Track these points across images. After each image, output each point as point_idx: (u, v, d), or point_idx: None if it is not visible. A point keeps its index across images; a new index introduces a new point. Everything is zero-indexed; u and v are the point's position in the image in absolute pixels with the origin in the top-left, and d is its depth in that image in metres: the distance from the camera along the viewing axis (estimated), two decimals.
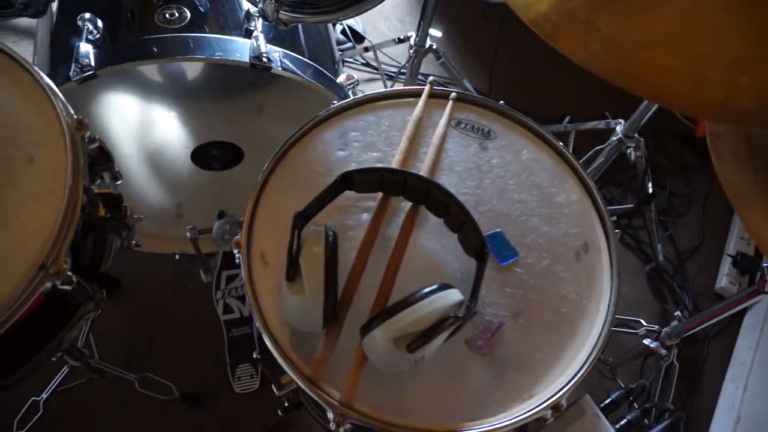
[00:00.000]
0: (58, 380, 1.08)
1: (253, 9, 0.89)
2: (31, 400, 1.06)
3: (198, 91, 1.04)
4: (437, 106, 0.80)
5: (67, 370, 1.07)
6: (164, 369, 1.15)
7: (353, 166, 0.74)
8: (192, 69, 0.97)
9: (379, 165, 0.74)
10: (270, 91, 1.01)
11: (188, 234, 0.90)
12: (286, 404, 0.73)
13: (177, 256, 1.22)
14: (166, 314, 1.26)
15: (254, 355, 0.74)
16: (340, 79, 1.03)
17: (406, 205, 0.70)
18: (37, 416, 1.05)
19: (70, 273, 0.53)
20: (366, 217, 0.70)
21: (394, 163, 0.74)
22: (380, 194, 0.71)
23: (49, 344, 0.62)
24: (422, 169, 0.74)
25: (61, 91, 0.61)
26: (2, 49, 0.59)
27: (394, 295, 0.62)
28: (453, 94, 0.80)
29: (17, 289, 0.52)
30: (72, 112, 0.59)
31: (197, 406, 1.17)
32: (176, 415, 1.14)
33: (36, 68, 0.60)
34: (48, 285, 0.53)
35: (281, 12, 0.76)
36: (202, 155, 1.09)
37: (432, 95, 0.80)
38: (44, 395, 1.06)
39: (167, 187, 1.18)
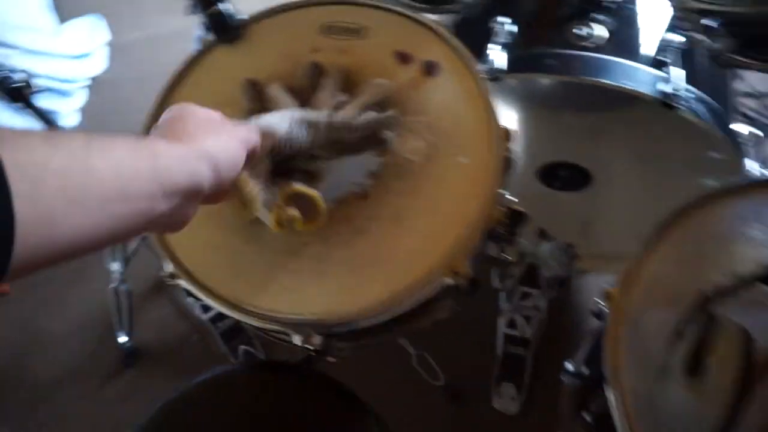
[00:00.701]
0: None
1: (676, 40, 0.80)
2: None
3: (562, 106, 1.01)
4: None
5: None
6: (439, 354, 1.19)
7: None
8: (572, 85, 0.94)
9: None
10: (640, 117, 0.93)
11: None
12: None
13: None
14: None
15: (524, 379, 0.68)
16: (739, 129, 0.89)
17: None
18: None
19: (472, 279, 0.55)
20: None
21: None
22: None
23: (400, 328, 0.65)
24: None
25: None
26: (464, 57, 0.62)
27: None
28: None
29: (420, 278, 0.55)
30: (501, 121, 0.60)
31: (453, 400, 1.20)
32: (432, 401, 1.18)
33: (481, 73, 0.62)
34: (447, 282, 0.56)
35: (725, 55, 0.66)
36: (548, 171, 1.07)
37: None
38: None
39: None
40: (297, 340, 0.57)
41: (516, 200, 0.63)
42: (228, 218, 0.60)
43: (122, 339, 1.27)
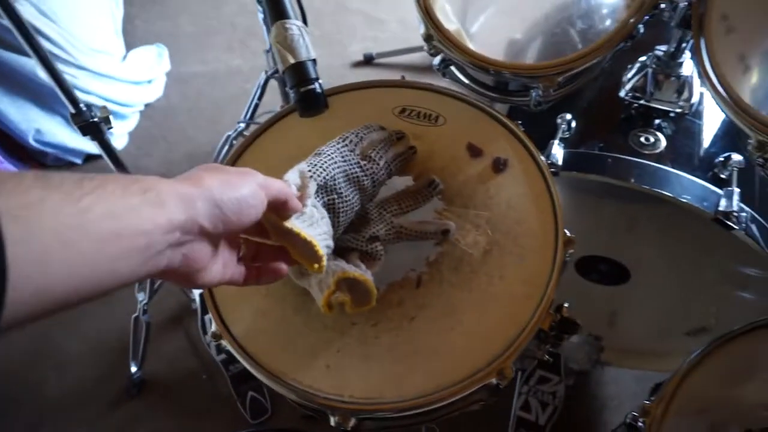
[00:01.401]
0: None
1: (736, 158, 0.81)
2: None
3: (606, 195, 1.02)
4: None
5: None
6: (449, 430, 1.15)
7: None
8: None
9: None
10: (685, 224, 0.93)
11: None
12: None
13: None
14: None
15: None
16: None
17: None
18: None
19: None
20: None
21: None
22: None
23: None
24: None
25: None
26: (535, 156, 0.63)
27: None
28: None
29: (467, 377, 0.54)
30: (564, 228, 0.60)
31: None
32: None
33: (550, 176, 0.62)
34: (492, 381, 0.55)
35: None
36: (587, 263, 1.06)
37: None
38: None
39: None
40: (332, 420, 0.56)
41: (567, 305, 0.63)
42: (281, 287, 0.60)
43: (133, 368, 1.25)
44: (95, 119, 0.81)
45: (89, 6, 1.59)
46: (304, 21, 0.80)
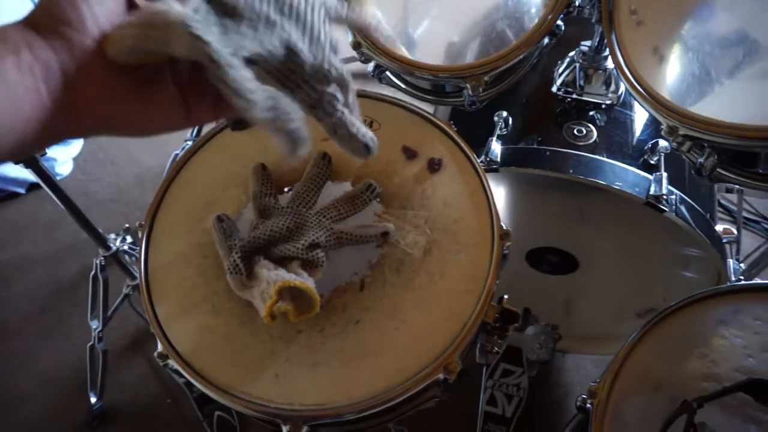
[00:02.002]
0: None
1: (664, 144, 0.85)
2: None
3: (551, 187, 1.05)
4: None
5: None
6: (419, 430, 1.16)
7: (749, 362, 0.64)
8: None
9: None
10: (625, 211, 0.97)
11: None
12: None
13: None
14: None
15: None
16: (717, 228, 0.93)
17: None
18: None
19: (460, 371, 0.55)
20: None
21: None
22: None
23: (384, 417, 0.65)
24: None
25: None
26: (468, 155, 0.65)
27: None
28: None
29: (414, 374, 0.55)
30: (501, 221, 0.62)
31: None
32: None
33: (484, 174, 0.64)
34: (439, 377, 0.56)
35: (718, 170, 0.70)
36: (536, 255, 1.09)
37: None
38: None
39: None
40: (284, 429, 0.56)
41: (507, 296, 0.65)
42: (225, 302, 0.60)
43: (93, 399, 1.22)
44: None
45: None
46: None
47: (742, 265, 1.02)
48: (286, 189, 0.66)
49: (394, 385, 0.55)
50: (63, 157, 1.61)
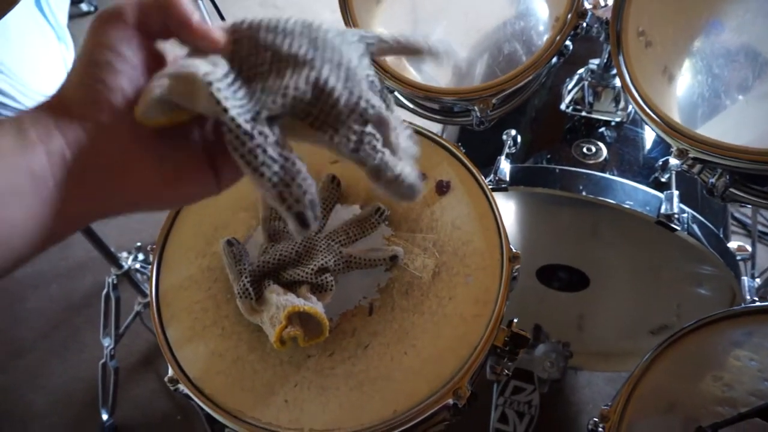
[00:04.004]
0: None
1: (674, 163, 0.84)
2: None
3: (562, 203, 1.04)
4: None
5: None
6: None
7: (764, 385, 0.63)
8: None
9: None
10: (637, 229, 0.96)
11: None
12: None
13: None
14: None
15: None
16: (730, 246, 0.92)
17: None
18: None
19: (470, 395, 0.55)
20: None
21: None
22: None
23: None
24: None
25: None
26: (477, 177, 0.65)
27: None
28: None
29: (423, 400, 0.55)
30: (510, 244, 0.62)
31: None
32: None
33: (493, 196, 0.64)
34: (449, 402, 0.56)
35: (730, 189, 0.69)
36: (547, 272, 1.09)
37: None
38: None
39: None
40: None
41: (517, 320, 0.64)
42: (235, 326, 0.60)
43: (104, 416, 1.23)
44: None
45: (37, 53, 1.58)
46: None
47: (757, 280, 1.01)
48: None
49: (403, 411, 0.55)
50: None
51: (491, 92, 0.73)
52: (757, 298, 0.82)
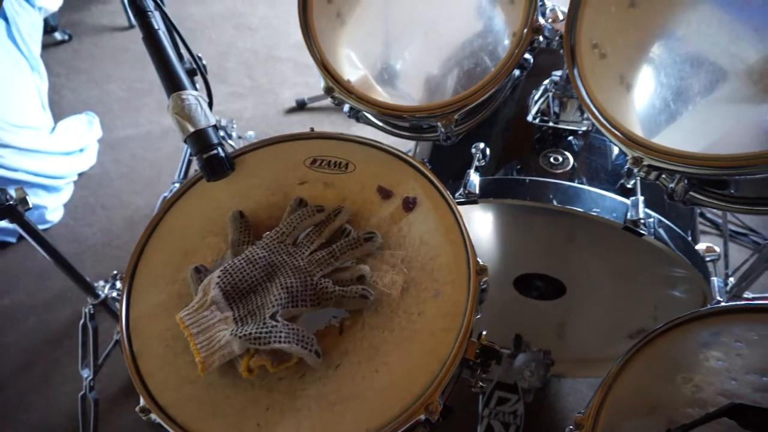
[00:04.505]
0: None
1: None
2: None
3: (536, 212, 1.06)
4: None
5: None
6: None
7: (732, 385, 0.64)
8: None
9: None
10: (609, 236, 0.97)
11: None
12: None
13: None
14: None
15: None
16: (699, 247, 0.93)
17: None
18: None
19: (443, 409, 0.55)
20: None
21: None
22: None
23: None
24: None
25: None
26: (442, 192, 0.66)
27: None
28: None
29: (395, 417, 0.55)
30: (477, 257, 0.63)
31: None
32: None
33: (459, 210, 0.65)
34: (421, 418, 0.56)
35: (691, 193, 0.70)
36: (524, 281, 1.10)
37: None
38: None
39: None
40: None
41: (485, 332, 0.65)
42: None
43: None
44: (10, 202, 0.80)
45: (10, 83, 1.58)
46: (207, 85, 0.82)
47: (731, 279, 1.02)
48: (264, 236, 0.67)
49: (375, 429, 0.55)
50: (53, 204, 1.62)
51: (452, 108, 0.75)
52: (721, 298, 0.83)
